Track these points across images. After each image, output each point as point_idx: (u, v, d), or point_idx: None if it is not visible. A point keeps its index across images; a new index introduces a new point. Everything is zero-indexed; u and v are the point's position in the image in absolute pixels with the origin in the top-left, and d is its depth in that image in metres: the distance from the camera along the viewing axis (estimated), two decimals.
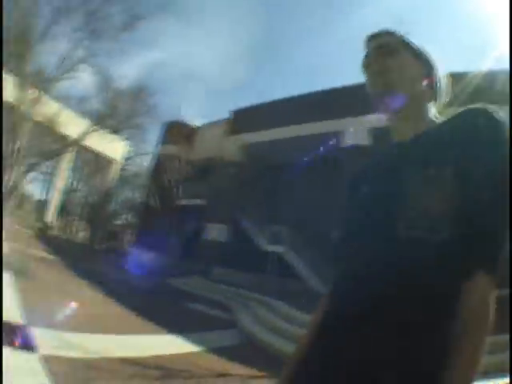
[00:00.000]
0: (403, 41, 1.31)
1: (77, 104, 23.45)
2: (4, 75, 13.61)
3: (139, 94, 36.28)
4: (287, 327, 10.40)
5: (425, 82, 1.28)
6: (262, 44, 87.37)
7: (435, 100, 1.31)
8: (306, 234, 19.95)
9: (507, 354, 5.12)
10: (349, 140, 19.03)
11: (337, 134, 19.43)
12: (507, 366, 3.08)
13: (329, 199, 14.62)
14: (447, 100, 1.36)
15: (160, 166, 22.77)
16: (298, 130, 22.24)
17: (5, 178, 14.21)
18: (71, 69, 17.10)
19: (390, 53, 1.28)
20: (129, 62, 75.84)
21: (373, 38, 1.34)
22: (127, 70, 68.77)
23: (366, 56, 1.33)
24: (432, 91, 1.30)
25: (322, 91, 22.05)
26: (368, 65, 1.31)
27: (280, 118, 23.18)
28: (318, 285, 17.00)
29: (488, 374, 5.69)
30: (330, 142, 19.18)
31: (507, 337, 5.96)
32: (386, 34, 1.33)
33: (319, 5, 79.30)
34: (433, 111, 1.29)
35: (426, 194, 0.99)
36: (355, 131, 18.60)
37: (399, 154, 1.20)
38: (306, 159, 19.08)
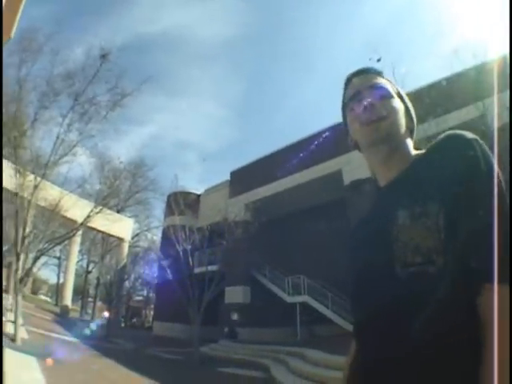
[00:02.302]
0: (390, 84, 1.32)
1: (78, 187, 23.61)
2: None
3: (137, 170, 36.71)
4: (324, 373, 10.20)
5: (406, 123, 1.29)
6: (248, 101, 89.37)
7: (412, 135, 1.32)
8: (324, 278, 19.82)
9: None
10: (348, 177, 18.89)
11: (337, 174, 19.41)
12: None
13: (340, 238, 14.62)
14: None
15: (169, 237, 22.63)
16: (298, 179, 22.43)
17: (17, 264, 14.26)
18: (67, 152, 17.30)
19: (390, 95, 1.27)
20: (123, 140, 77.35)
21: (368, 76, 1.32)
22: (122, 148, 70.01)
23: (360, 95, 1.28)
24: (411, 128, 1.32)
25: (312, 135, 22.20)
26: (369, 108, 1.24)
27: (277, 171, 23.21)
28: (347, 325, 16.68)
29: None
30: (333, 183, 19.17)
31: None
32: (378, 74, 1.33)
33: (293, 58, 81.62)
34: (411, 145, 1.29)
35: (414, 231, 1.04)
36: (352, 167, 18.42)
37: (387, 195, 1.22)
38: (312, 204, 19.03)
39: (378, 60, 14.37)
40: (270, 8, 71.04)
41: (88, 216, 19.83)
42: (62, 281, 42.63)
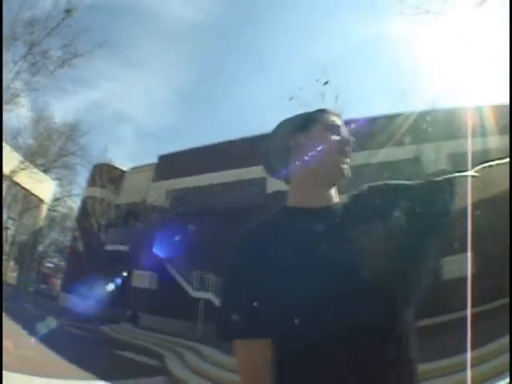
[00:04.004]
0: None
1: (12, 138, 22.87)
2: None
3: (71, 133, 35.86)
4: (217, 373, 10.45)
5: None
6: (197, 89, 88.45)
7: None
8: None
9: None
10: (272, 186, 18.87)
11: (262, 181, 19.61)
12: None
13: None
14: None
15: (86, 208, 22.37)
16: (224, 177, 22.51)
17: None
18: (10, 101, 16.93)
19: None
20: (64, 100, 74.70)
21: (338, 116, 1.46)
22: (61, 108, 67.78)
23: (342, 131, 1.41)
24: None
25: (245, 138, 22.27)
26: (350, 145, 1.39)
27: (205, 165, 23.36)
28: None
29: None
30: (256, 189, 19.32)
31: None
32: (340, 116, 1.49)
33: (250, 58, 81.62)
34: None
35: (373, 246, 1.17)
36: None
37: (333, 217, 1.29)
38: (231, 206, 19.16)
39: (326, 83, 14.78)
40: (245, 5, 70.66)
41: (16, 168, 19.43)
42: None
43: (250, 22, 74.57)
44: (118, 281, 19.55)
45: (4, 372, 6.42)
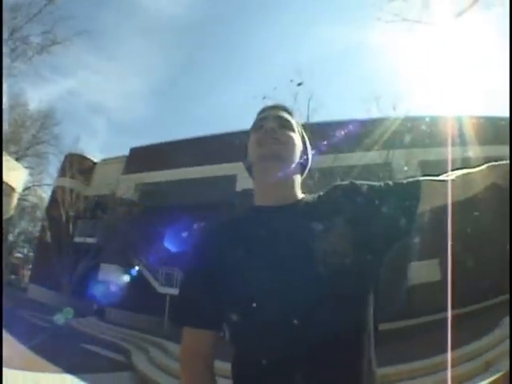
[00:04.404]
0: (296, 122, 1.45)
1: None
2: None
3: (45, 120, 35.39)
4: None
5: (302, 160, 1.42)
6: (173, 86, 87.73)
7: (302, 175, 1.46)
8: None
9: None
10: (242, 184, 18.86)
11: (232, 178, 19.71)
12: None
13: None
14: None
15: (56, 199, 22.08)
16: (194, 173, 22.51)
17: None
18: None
19: (291, 128, 1.40)
20: (40, 87, 73.55)
21: (277, 110, 1.45)
22: (37, 95, 66.76)
23: (265, 122, 1.39)
24: (304, 168, 1.46)
25: (217, 135, 22.50)
26: (269, 131, 1.34)
27: (175, 159, 23.31)
28: None
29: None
30: (225, 186, 19.30)
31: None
32: (286, 111, 1.46)
33: (229, 55, 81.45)
34: (299, 182, 1.42)
35: (331, 238, 1.17)
36: (247, 176, 18.72)
37: (295, 214, 1.28)
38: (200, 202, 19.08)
39: (299, 84, 14.90)
40: (229, 2, 70.10)
41: None
42: None
43: (233, 19, 74.43)
44: (85, 273, 19.38)
45: None
